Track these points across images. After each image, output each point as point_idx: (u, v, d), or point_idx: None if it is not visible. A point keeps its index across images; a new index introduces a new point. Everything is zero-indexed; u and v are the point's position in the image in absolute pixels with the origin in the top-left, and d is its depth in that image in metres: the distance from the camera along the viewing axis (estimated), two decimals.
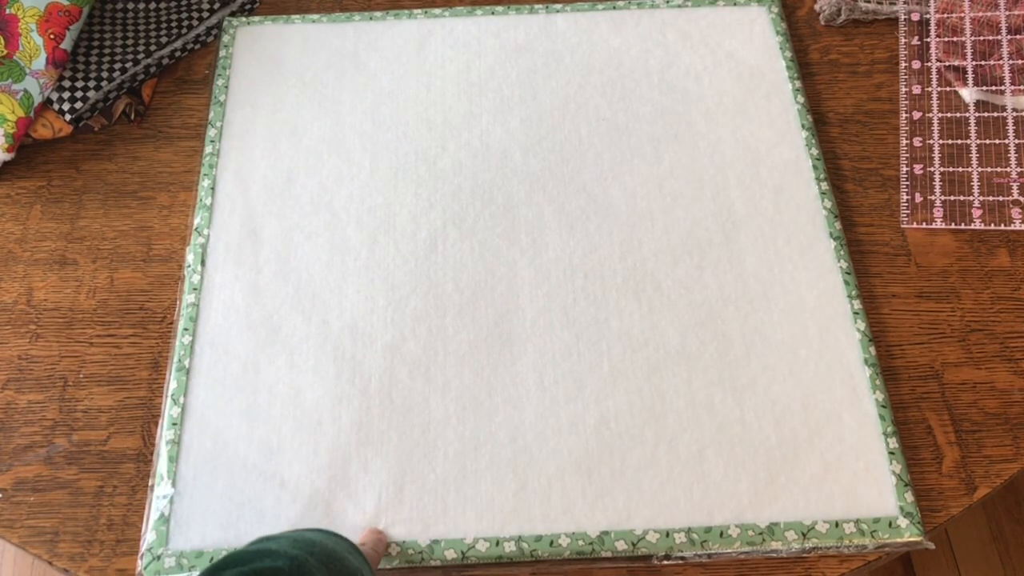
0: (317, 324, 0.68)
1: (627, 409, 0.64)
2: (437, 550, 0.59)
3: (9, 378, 0.68)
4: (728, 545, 0.59)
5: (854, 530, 0.59)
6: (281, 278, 0.70)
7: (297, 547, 0.46)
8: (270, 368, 0.66)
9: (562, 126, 0.78)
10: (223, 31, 0.84)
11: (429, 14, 0.85)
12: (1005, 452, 0.64)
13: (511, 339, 0.67)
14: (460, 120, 0.78)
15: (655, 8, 0.85)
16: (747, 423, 0.63)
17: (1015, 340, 0.68)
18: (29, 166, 0.79)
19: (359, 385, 0.66)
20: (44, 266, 0.73)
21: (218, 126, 0.78)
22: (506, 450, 0.63)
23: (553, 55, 0.82)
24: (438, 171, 0.76)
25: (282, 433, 0.64)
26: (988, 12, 0.81)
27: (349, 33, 0.84)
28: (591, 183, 0.75)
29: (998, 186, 0.75)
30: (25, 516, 0.62)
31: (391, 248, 0.72)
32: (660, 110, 0.79)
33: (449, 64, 0.82)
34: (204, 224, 0.73)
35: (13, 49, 0.75)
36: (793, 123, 0.77)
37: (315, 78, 0.81)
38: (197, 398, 0.65)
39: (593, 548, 0.59)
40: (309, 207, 0.74)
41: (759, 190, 0.74)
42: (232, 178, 0.75)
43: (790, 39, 0.82)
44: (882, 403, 0.64)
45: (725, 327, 0.67)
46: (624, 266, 0.70)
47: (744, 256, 0.71)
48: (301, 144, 0.77)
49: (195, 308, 0.69)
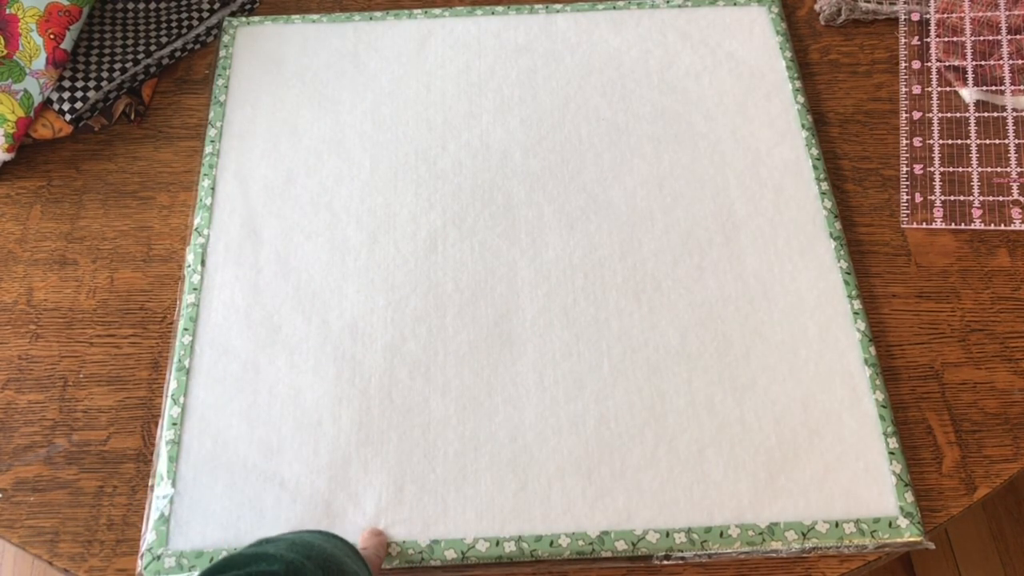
0: (317, 324, 0.68)
1: (627, 409, 0.64)
2: (437, 550, 0.59)
3: (9, 378, 0.68)
4: (728, 545, 0.59)
5: (854, 530, 0.59)
6: (281, 278, 0.70)
7: (294, 550, 0.46)
8: (270, 368, 0.66)
9: (562, 126, 0.78)
10: (223, 31, 0.84)
11: (429, 14, 0.85)
12: (1005, 452, 0.64)
13: (511, 339, 0.67)
14: (460, 120, 0.78)
15: (655, 8, 0.85)
16: (747, 423, 0.63)
17: (1015, 340, 0.68)
18: (29, 166, 0.79)
19: (359, 385, 0.66)
20: (44, 266, 0.73)
21: (218, 126, 0.78)
22: (506, 450, 0.63)
23: (553, 55, 0.82)
24: (438, 171, 0.76)
25: (282, 433, 0.64)
26: (988, 12, 0.81)
27: (349, 33, 0.84)
28: (591, 183, 0.75)
29: (998, 186, 0.75)
30: (25, 516, 0.62)
31: (391, 248, 0.72)
32: (660, 110, 0.79)
33: (449, 64, 0.82)
34: (204, 224, 0.73)
35: (13, 49, 0.75)
36: (793, 123, 0.77)
37: (315, 78, 0.81)
38: (197, 398, 0.65)
39: (593, 548, 0.59)
40: (309, 207, 0.74)
41: (759, 190, 0.74)
42: (232, 178, 0.75)
43: (790, 39, 0.82)
44: (882, 403, 0.64)
45: (725, 327, 0.67)
46: (624, 266, 0.70)
47: (744, 256, 0.71)
48: (301, 144, 0.77)
49: (195, 308, 0.69)
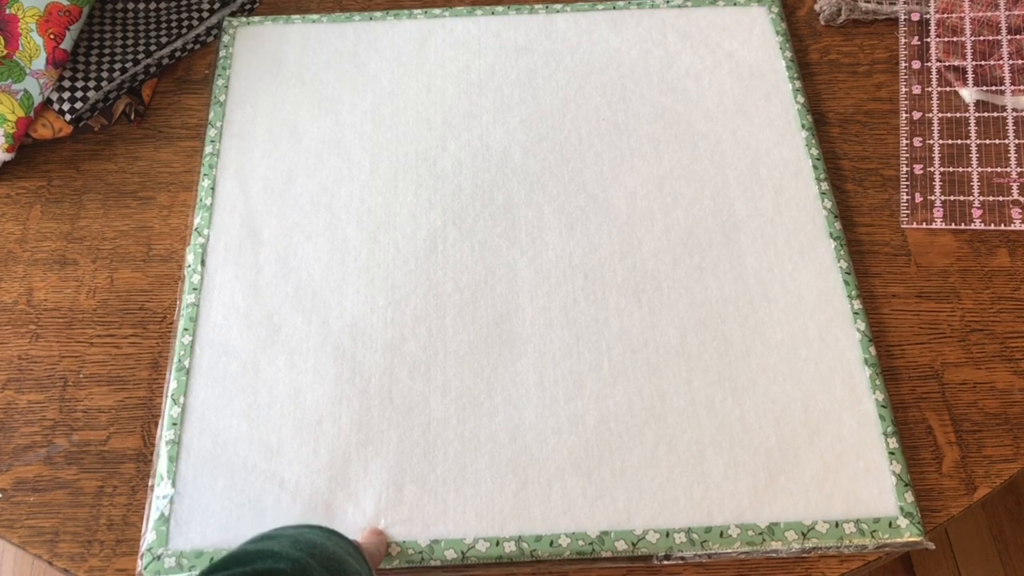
0: (317, 324, 0.68)
1: (627, 409, 0.64)
2: (437, 550, 0.59)
3: (9, 378, 0.68)
4: (728, 545, 0.59)
5: (854, 530, 0.59)
6: (281, 278, 0.70)
7: (298, 548, 0.46)
8: (270, 368, 0.66)
9: (562, 126, 0.78)
10: (223, 31, 0.84)
11: (429, 14, 0.85)
12: (1005, 452, 0.64)
13: (511, 339, 0.67)
14: (460, 120, 0.78)
15: (655, 8, 0.85)
16: (747, 423, 0.63)
17: (1015, 340, 0.68)
18: (29, 166, 0.79)
19: (359, 385, 0.66)
20: (44, 266, 0.73)
21: (218, 126, 0.78)
22: (506, 450, 0.63)
23: (553, 55, 0.82)
24: (438, 171, 0.76)
25: (282, 433, 0.64)
26: (988, 12, 0.81)
27: (349, 33, 0.84)
28: (591, 183, 0.75)
29: (998, 186, 0.75)
30: (25, 516, 0.63)
31: (391, 248, 0.72)
32: (660, 110, 0.79)
33: (449, 64, 0.82)
34: (204, 224, 0.73)
35: (13, 49, 0.75)
36: (793, 123, 0.77)
37: (315, 78, 0.81)
38: (197, 398, 0.65)
39: (593, 548, 0.59)
40: (309, 207, 0.74)
41: (759, 190, 0.74)
42: (232, 178, 0.75)
43: (790, 39, 0.82)
44: (882, 403, 0.64)
45: (725, 327, 0.67)
46: (624, 266, 0.70)
47: (744, 256, 0.71)
48: (301, 144, 0.77)
49: (195, 308, 0.69)
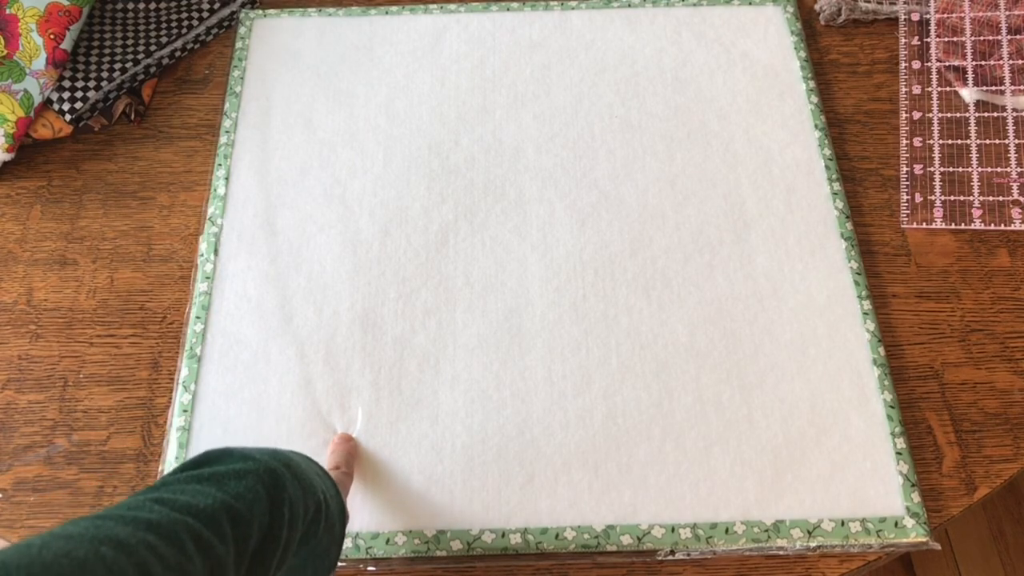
0: (328, 315, 0.69)
1: (635, 405, 0.65)
2: (443, 541, 0.60)
3: (9, 378, 0.68)
4: (733, 542, 0.59)
5: (860, 529, 0.59)
6: (293, 269, 0.71)
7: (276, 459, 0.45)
8: (280, 357, 0.67)
9: (575, 123, 0.78)
10: (240, 23, 0.85)
11: (445, 9, 0.85)
12: (1005, 452, 0.64)
13: (520, 334, 0.68)
14: (473, 115, 0.79)
15: (670, 6, 0.85)
16: (755, 421, 0.64)
17: (1015, 340, 0.69)
18: (29, 166, 0.79)
19: (369, 377, 0.66)
20: (44, 266, 0.73)
21: (233, 117, 0.78)
22: (513, 443, 0.63)
23: (567, 52, 0.82)
24: (451, 165, 0.76)
25: (291, 422, 0.64)
26: (988, 12, 0.81)
27: (365, 27, 0.84)
28: (603, 180, 0.75)
29: (998, 186, 0.75)
30: (25, 516, 0.62)
31: (403, 241, 0.72)
32: (673, 108, 0.79)
33: (463, 59, 0.82)
34: (218, 214, 0.73)
35: (13, 49, 0.75)
36: (806, 123, 0.77)
37: (330, 71, 0.82)
38: (208, 385, 0.66)
39: (599, 542, 0.60)
40: (322, 199, 0.74)
41: (771, 189, 0.74)
42: (246, 169, 0.76)
43: (804, 39, 0.82)
44: (890, 403, 0.64)
45: (734, 325, 0.68)
46: (634, 263, 0.71)
47: (755, 255, 0.71)
48: (315, 136, 0.78)
49: (208, 296, 0.69)
